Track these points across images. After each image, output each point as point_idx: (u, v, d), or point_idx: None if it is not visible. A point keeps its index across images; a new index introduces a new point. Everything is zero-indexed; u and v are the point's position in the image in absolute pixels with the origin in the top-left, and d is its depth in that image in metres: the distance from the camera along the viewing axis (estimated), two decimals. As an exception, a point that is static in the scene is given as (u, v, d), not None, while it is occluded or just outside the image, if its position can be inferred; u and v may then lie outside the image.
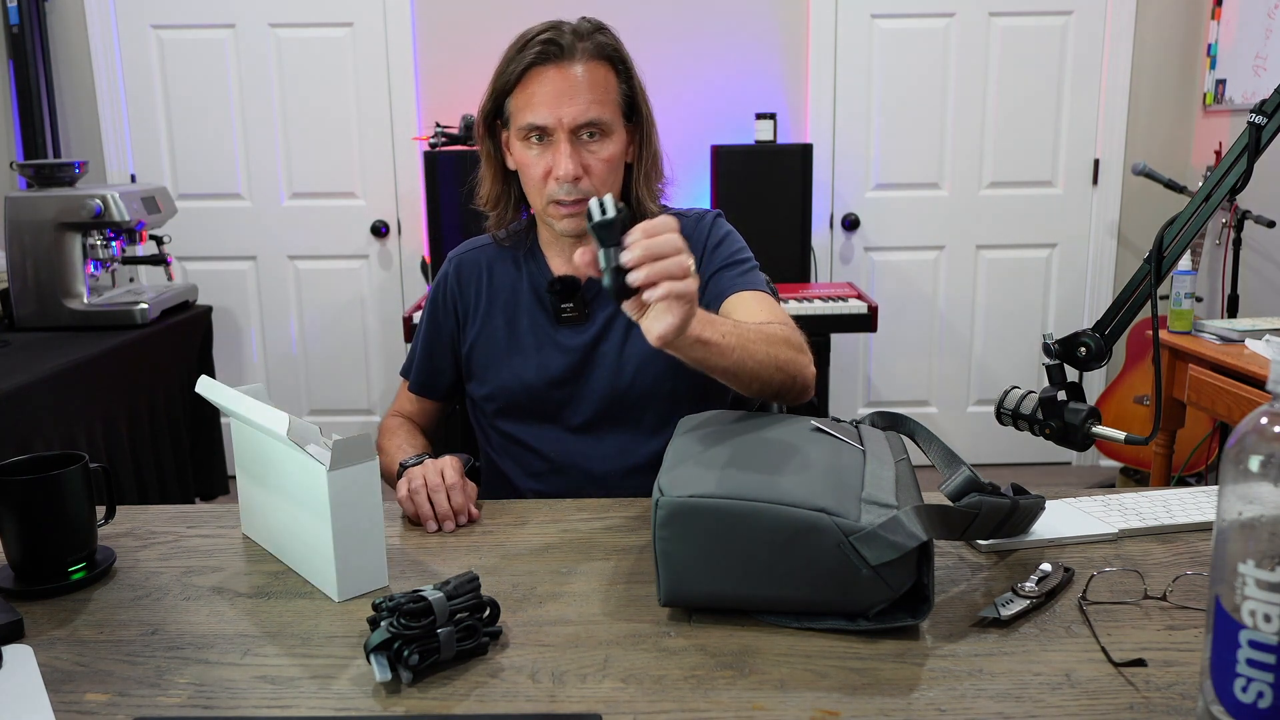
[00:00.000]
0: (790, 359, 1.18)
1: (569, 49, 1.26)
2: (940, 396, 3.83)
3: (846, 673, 0.82)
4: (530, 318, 1.41)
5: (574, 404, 1.38)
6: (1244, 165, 1.13)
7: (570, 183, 1.27)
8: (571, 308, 1.38)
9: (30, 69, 3.47)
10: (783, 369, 1.16)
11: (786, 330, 1.23)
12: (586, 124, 1.26)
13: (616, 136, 1.30)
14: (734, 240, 1.42)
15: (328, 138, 3.65)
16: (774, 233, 3.31)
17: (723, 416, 1.12)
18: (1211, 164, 3.39)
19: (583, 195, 1.29)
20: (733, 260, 1.38)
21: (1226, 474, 0.64)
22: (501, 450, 1.44)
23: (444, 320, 1.46)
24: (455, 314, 1.46)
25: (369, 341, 3.80)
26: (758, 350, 1.13)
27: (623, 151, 1.32)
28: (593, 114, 1.26)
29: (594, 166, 1.28)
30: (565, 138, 1.26)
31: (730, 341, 1.09)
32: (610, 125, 1.29)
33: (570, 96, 1.25)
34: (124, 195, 2.48)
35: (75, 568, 1.02)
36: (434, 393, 1.50)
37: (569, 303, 1.38)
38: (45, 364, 2.10)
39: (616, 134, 1.30)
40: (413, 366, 1.50)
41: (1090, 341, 1.15)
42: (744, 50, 3.60)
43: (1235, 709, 0.65)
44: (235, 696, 0.80)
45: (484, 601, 0.87)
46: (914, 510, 0.86)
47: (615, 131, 1.30)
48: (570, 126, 1.26)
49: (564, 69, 1.26)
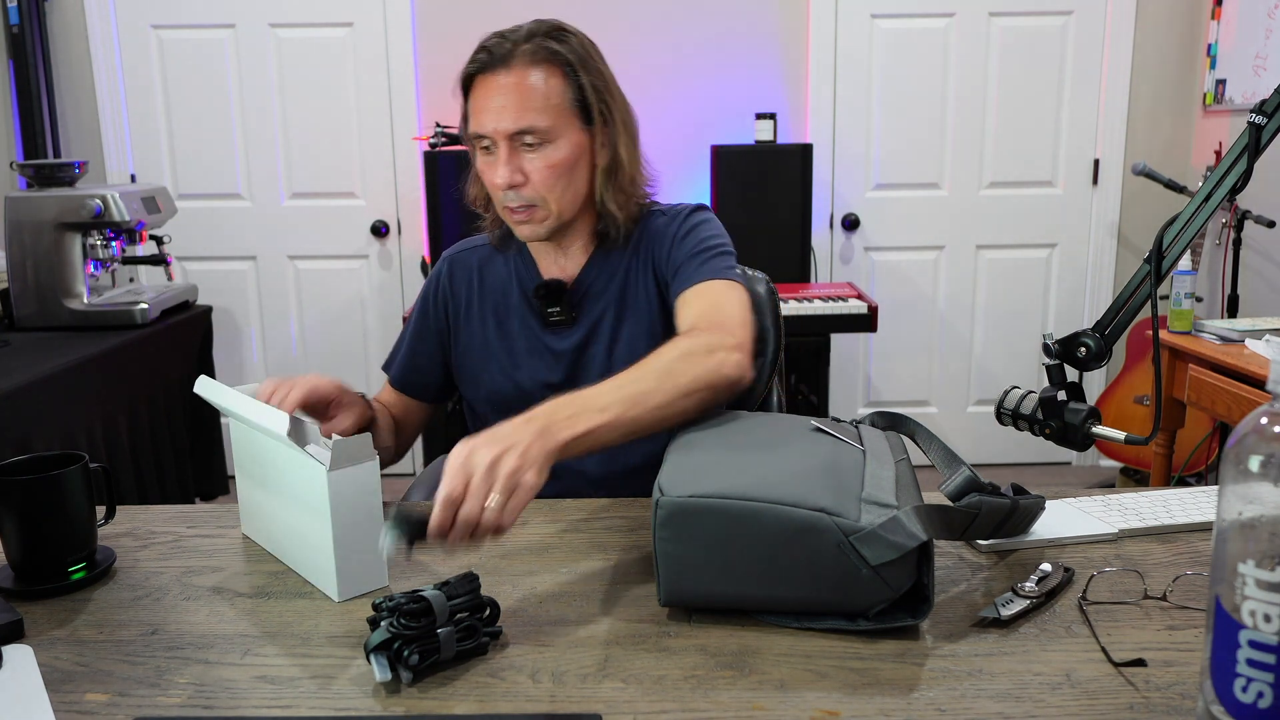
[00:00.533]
0: (695, 375, 1.10)
1: (504, 56, 1.25)
2: (940, 396, 3.83)
3: (846, 673, 0.82)
4: (521, 320, 1.41)
5: None
6: (1244, 165, 1.13)
7: (509, 190, 1.28)
8: (558, 311, 1.37)
9: (30, 69, 3.47)
10: (692, 391, 1.09)
11: (689, 339, 1.16)
12: (520, 131, 1.25)
13: (564, 141, 1.28)
14: (701, 230, 1.37)
15: (328, 138, 3.65)
16: (774, 233, 3.31)
17: (722, 416, 1.12)
18: (1211, 164, 3.39)
19: (527, 202, 1.29)
20: (694, 252, 1.34)
21: (1226, 474, 0.64)
22: None
23: (434, 319, 1.46)
24: (446, 314, 1.45)
25: (369, 341, 3.80)
26: (651, 396, 1.06)
27: (575, 155, 1.29)
28: (525, 121, 1.25)
29: (534, 173, 1.27)
30: (504, 144, 1.26)
31: (610, 416, 1.01)
32: (552, 130, 1.26)
33: (503, 104, 1.25)
34: (124, 195, 2.48)
35: (75, 568, 1.02)
36: (413, 389, 1.49)
37: (555, 306, 1.37)
38: (45, 364, 2.10)
39: (564, 138, 1.28)
40: (395, 361, 1.49)
41: (1090, 341, 1.15)
42: (744, 50, 3.60)
43: (1235, 709, 0.65)
44: (235, 696, 0.80)
45: (484, 601, 0.87)
46: (914, 510, 0.86)
47: (562, 136, 1.27)
48: (505, 134, 1.25)
49: (500, 76, 1.25)
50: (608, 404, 1.02)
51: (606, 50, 1.38)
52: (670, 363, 1.11)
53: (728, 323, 1.22)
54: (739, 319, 1.23)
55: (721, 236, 1.38)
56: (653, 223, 1.40)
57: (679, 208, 1.42)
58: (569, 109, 1.28)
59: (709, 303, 1.27)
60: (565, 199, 1.31)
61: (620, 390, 1.05)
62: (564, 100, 1.27)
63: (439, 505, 0.88)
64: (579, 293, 1.39)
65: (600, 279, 1.39)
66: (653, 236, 1.39)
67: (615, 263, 1.39)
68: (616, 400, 1.03)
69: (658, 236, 1.38)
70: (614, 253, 1.39)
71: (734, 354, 1.16)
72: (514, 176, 1.27)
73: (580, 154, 1.30)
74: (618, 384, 1.06)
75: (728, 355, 1.14)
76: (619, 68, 1.39)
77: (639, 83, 3.56)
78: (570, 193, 1.31)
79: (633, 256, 1.39)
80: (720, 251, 1.35)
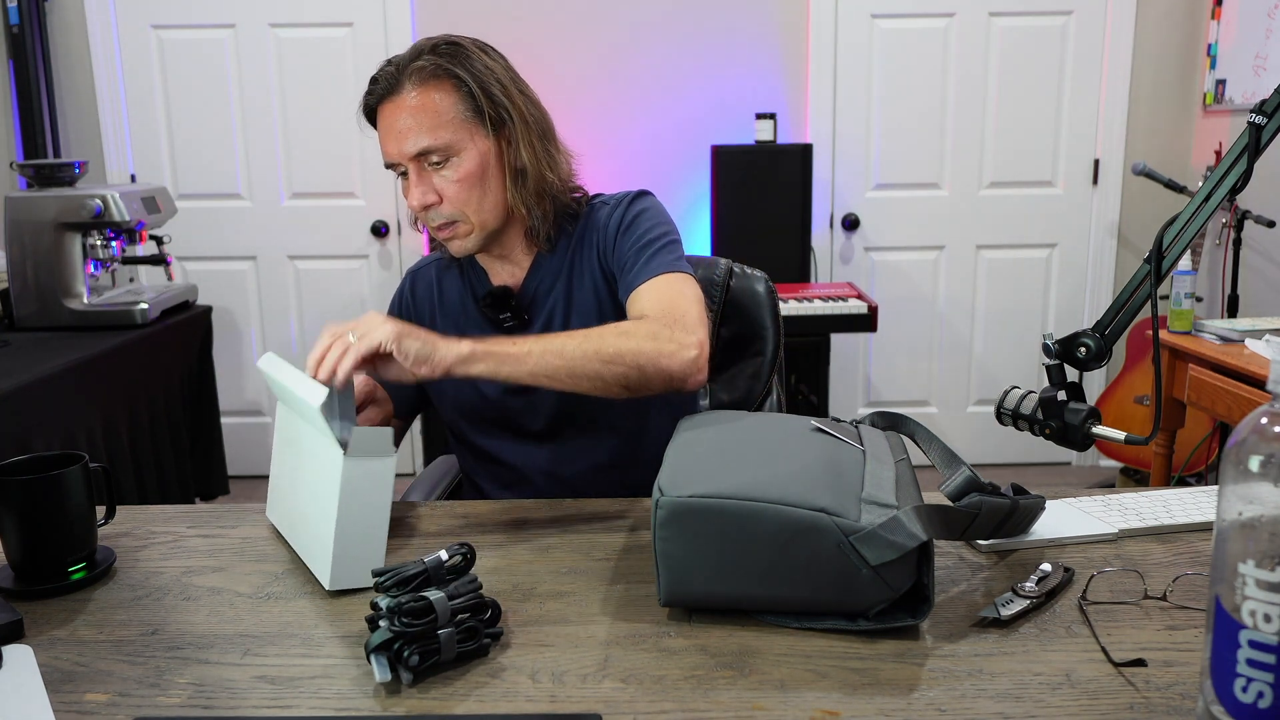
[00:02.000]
0: (622, 349, 1.13)
1: (391, 83, 1.26)
2: (940, 396, 3.83)
3: (846, 673, 0.82)
4: (478, 328, 1.40)
5: (530, 411, 1.37)
6: (1244, 165, 1.13)
7: (425, 210, 1.28)
8: (510, 317, 1.37)
9: (30, 69, 3.47)
10: (613, 360, 1.13)
11: (636, 322, 1.19)
12: (422, 152, 1.25)
13: (469, 153, 1.27)
14: (644, 220, 1.35)
15: (328, 138, 3.65)
16: (774, 233, 3.31)
17: (722, 416, 1.12)
18: (1211, 164, 3.39)
19: (447, 219, 1.29)
20: (640, 245, 1.33)
21: (1226, 474, 0.64)
22: (473, 466, 1.45)
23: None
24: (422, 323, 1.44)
25: (369, 341, 3.79)
26: (569, 351, 1.12)
27: (482, 165, 1.28)
28: (424, 142, 1.24)
29: (446, 190, 1.27)
30: (412, 169, 1.26)
31: (521, 350, 1.11)
32: (452, 146, 1.25)
33: (401, 130, 1.25)
34: (124, 195, 2.48)
35: (75, 568, 1.02)
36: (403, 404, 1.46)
37: (505, 312, 1.37)
38: (45, 364, 2.10)
39: (468, 150, 1.27)
40: None
41: (1090, 341, 1.15)
42: (744, 50, 3.60)
43: (1235, 709, 0.65)
44: (235, 696, 0.80)
45: (485, 602, 0.87)
46: (914, 510, 0.86)
47: (465, 149, 1.26)
48: (409, 157, 1.26)
49: (393, 102, 1.26)
50: (526, 344, 1.12)
51: (606, 50, 1.38)
52: (605, 333, 1.16)
53: (685, 320, 1.21)
54: (695, 318, 1.23)
55: (665, 225, 1.36)
56: (596, 215, 1.39)
57: (620, 196, 1.40)
58: (467, 120, 1.26)
59: (664, 300, 1.25)
60: (484, 209, 1.30)
61: (544, 341, 1.14)
62: (458, 113, 1.26)
63: (324, 335, 1.08)
64: (527, 296, 1.39)
65: (546, 280, 1.38)
66: (595, 229, 1.38)
67: (559, 260, 1.38)
68: (536, 345, 1.13)
69: (600, 228, 1.37)
70: (557, 251, 1.38)
71: (689, 352, 1.16)
72: (426, 197, 1.27)
73: (488, 162, 1.29)
74: (548, 336, 1.15)
75: (681, 352, 1.16)
76: (619, 67, 1.39)
77: (639, 83, 3.56)
78: (488, 202, 1.30)
79: (576, 252, 1.38)
80: (666, 243, 1.33)
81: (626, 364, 1.14)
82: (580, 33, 3.50)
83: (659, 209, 1.39)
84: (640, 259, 1.31)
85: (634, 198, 1.39)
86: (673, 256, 1.32)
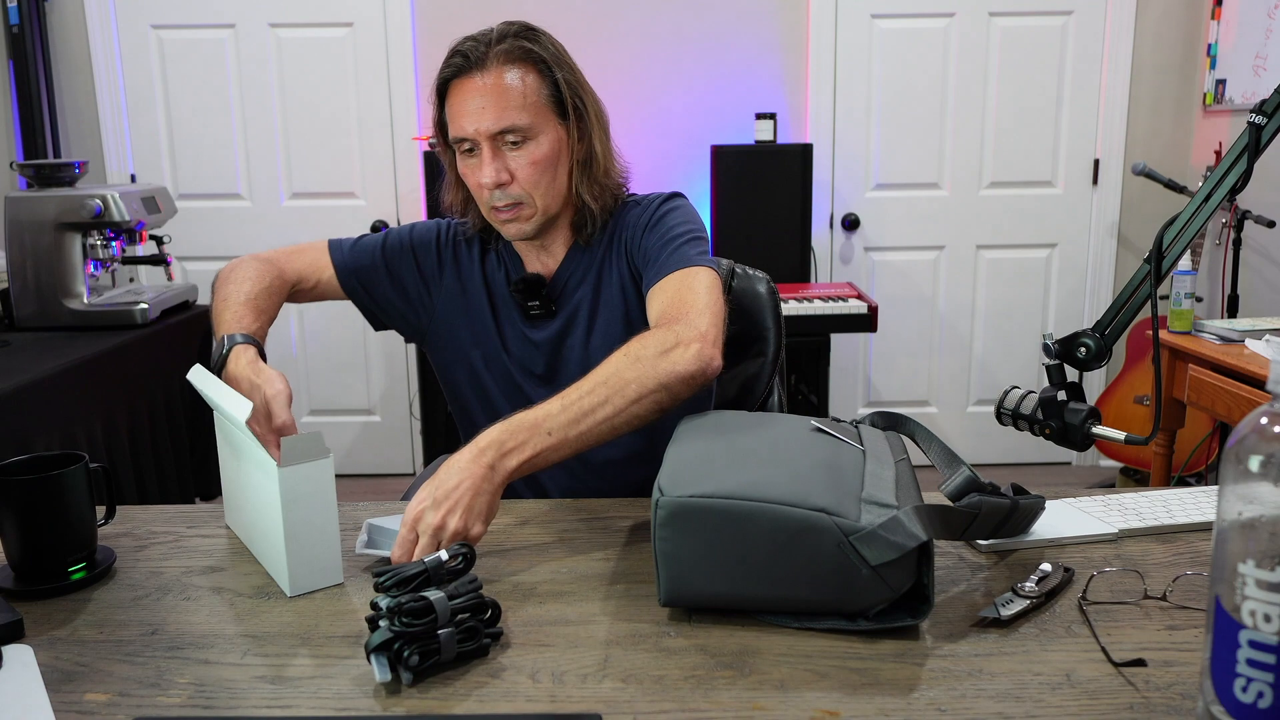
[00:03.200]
0: (644, 380, 1.11)
1: (479, 59, 1.26)
2: (940, 396, 3.83)
3: (846, 673, 0.82)
4: (506, 310, 1.42)
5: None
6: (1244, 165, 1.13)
7: (496, 189, 1.29)
8: (538, 305, 1.39)
9: (30, 69, 3.47)
10: (641, 396, 1.11)
11: (643, 341, 1.15)
12: (502, 131, 1.27)
13: (545, 137, 1.29)
14: (671, 218, 1.37)
15: (328, 138, 3.65)
16: (774, 233, 3.31)
17: (722, 416, 1.12)
18: (1211, 164, 3.39)
19: (514, 200, 1.30)
20: (663, 242, 1.33)
21: (1226, 474, 0.64)
22: None
23: (423, 260, 1.45)
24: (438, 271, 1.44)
25: (369, 341, 3.80)
26: (598, 411, 1.09)
27: (555, 150, 1.31)
28: (507, 121, 1.26)
29: (519, 171, 1.29)
30: (487, 146, 1.27)
31: (556, 439, 1.06)
32: (532, 127, 1.28)
33: (483, 106, 1.26)
34: (124, 195, 2.48)
35: (75, 568, 1.02)
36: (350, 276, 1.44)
37: (535, 300, 1.39)
38: (45, 364, 2.10)
39: (544, 135, 1.29)
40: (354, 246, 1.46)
41: (1090, 341, 1.15)
42: (744, 50, 3.60)
43: (1235, 709, 0.65)
44: (235, 696, 0.80)
45: (485, 602, 0.87)
46: (914, 510, 0.86)
47: (542, 132, 1.29)
48: (488, 135, 1.27)
49: (476, 79, 1.26)
50: (554, 427, 1.07)
51: (606, 50, 1.40)
52: (619, 370, 1.12)
53: (689, 313, 1.21)
54: (701, 306, 1.22)
55: (690, 223, 1.37)
56: (627, 214, 1.41)
57: (652, 197, 1.42)
58: (546, 106, 1.30)
59: (673, 295, 1.26)
60: (550, 195, 1.32)
61: (567, 410, 1.08)
62: (540, 97, 1.29)
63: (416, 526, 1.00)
64: (557, 287, 1.40)
65: (577, 272, 1.40)
66: (626, 227, 1.40)
67: (592, 256, 1.40)
68: (562, 422, 1.07)
69: (631, 227, 1.39)
70: (590, 246, 1.40)
71: (692, 346, 1.15)
72: (500, 175, 1.28)
73: (560, 149, 1.32)
74: (565, 402, 1.09)
75: (684, 351, 1.14)
76: (619, 67, 1.40)
77: (639, 83, 3.56)
78: (555, 189, 1.33)
79: (608, 249, 1.40)
80: (688, 238, 1.34)
81: (651, 391, 1.12)
82: (580, 33, 3.50)
83: (687, 209, 1.40)
84: (661, 255, 1.32)
85: (666, 198, 1.41)
86: (693, 251, 1.32)
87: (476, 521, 1.02)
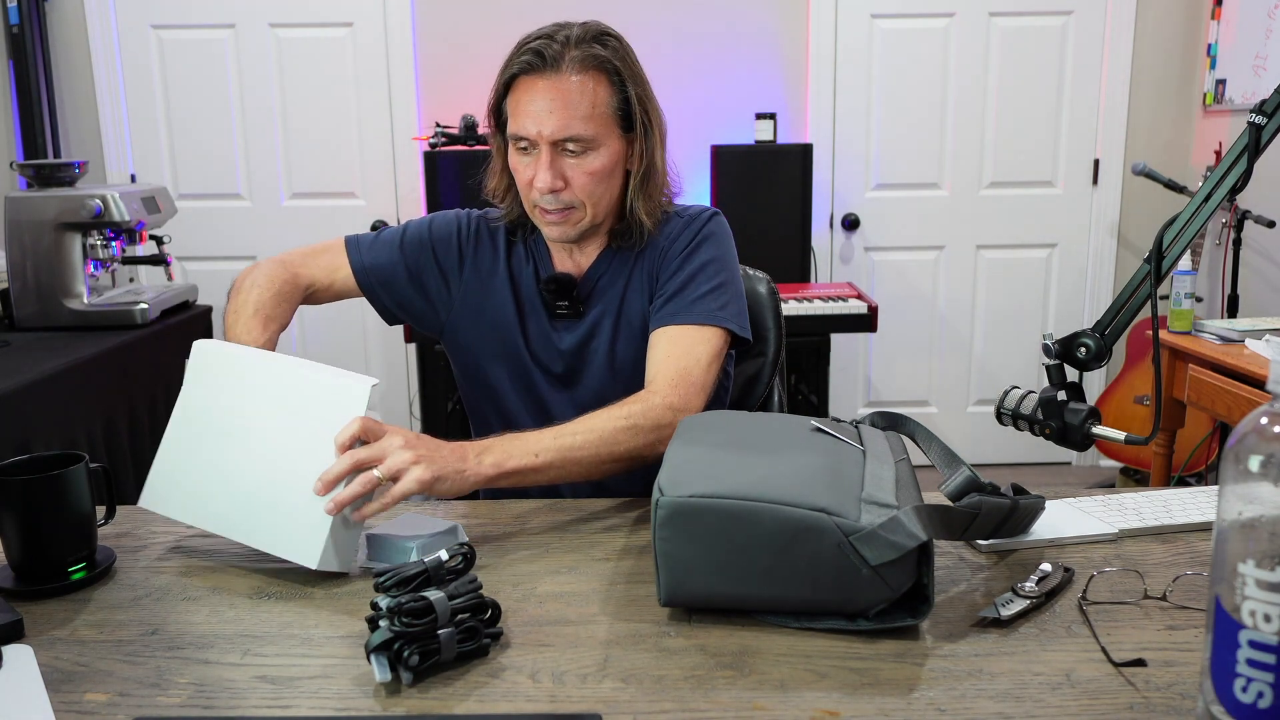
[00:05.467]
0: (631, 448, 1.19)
1: (555, 60, 1.24)
2: (940, 396, 3.83)
3: (846, 673, 0.82)
4: (531, 306, 1.41)
5: (571, 406, 1.38)
6: (1244, 165, 1.13)
7: (550, 194, 1.28)
8: (566, 306, 1.38)
9: (30, 69, 3.47)
10: (622, 459, 1.19)
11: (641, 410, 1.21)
12: (566, 138, 1.26)
13: (605, 149, 1.28)
14: (702, 254, 1.36)
15: (328, 138, 3.65)
16: (774, 233, 3.31)
17: (723, 416, 1.12)
18: (1211, 164, 3.39)
19: (564, 205, 1.29)
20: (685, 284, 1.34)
21: (1226, 474, 0.64)
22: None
23: (443, 255, 1.42)
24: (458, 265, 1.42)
25: (369, 341, 3.80)
26: (584, 456, 1.16)
27: (614, 162, 1.30)
28: (572, 130, 1.25)
29: (575, 179, 1.28)
30: (546, 149, 1.26)
31: (542, 461, 1.13)
32: (596, 139, 1.27)
33: (551, 110, 1.24)
34: (124, 195, 2.47)
35: (75, 568, 1.02)
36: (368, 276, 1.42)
37: (564, 300, 1.38)
38: (45, 364, 2.10)
39: (605, 146, 1.28)
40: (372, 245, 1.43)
41: (1090, 341, 1.15)
42: (744, 50, 3.60)
43: (1235, 709, 0.65)
44: (235, 696, 0.80)
45: (485, 602, 0.87)
46: (914, 510, 0.86)
47: (604, 144, 1.28)
48: (550, 139, 1.25)
49: (548, 80, 1.25)
50: (542, 450, 1.14)
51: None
52: (614, 431, 1.18)
53: (688, 390, 1.26)
54: (699, 384, 1.27)
55: (719, 264, 1.36)
56: (667, 226, 1.39)
57: (693, 213, 1.40)
58: (612, 118, 1.29)
59: (676, 359, 1.29)
60: (602, 204, 1.32)
61: (559, 442, 1.15)
62: (608, 109, 1.28)
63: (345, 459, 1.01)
64: (586, 287, 1.39)
65: (608, 275, 1.39)
66: (662, 242, 1.38)
67: (624, 260, 1.39)
68: (553, 452, 1.14)
69: (666, 244, 1.38)
70: (623, 251, 1.39)
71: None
72: (555, 182, 1.27)
73: (618, 162, 1.31)
74: (559, 435, 1.16)
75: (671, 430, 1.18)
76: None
77: (639, 83, 3.56)
78: (607, 198, 1.32)
79: (639, 256, 1.39)
80: (712, 289, 1.33)
81: (632, 458, 1.20)
82: (580, 33, 3.49)
83: (723, 241, 1.39)
84: (678, 300, 1.33)
85: (706, 220, 1.39)
86: (713, 305, 1.32)
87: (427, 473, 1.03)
